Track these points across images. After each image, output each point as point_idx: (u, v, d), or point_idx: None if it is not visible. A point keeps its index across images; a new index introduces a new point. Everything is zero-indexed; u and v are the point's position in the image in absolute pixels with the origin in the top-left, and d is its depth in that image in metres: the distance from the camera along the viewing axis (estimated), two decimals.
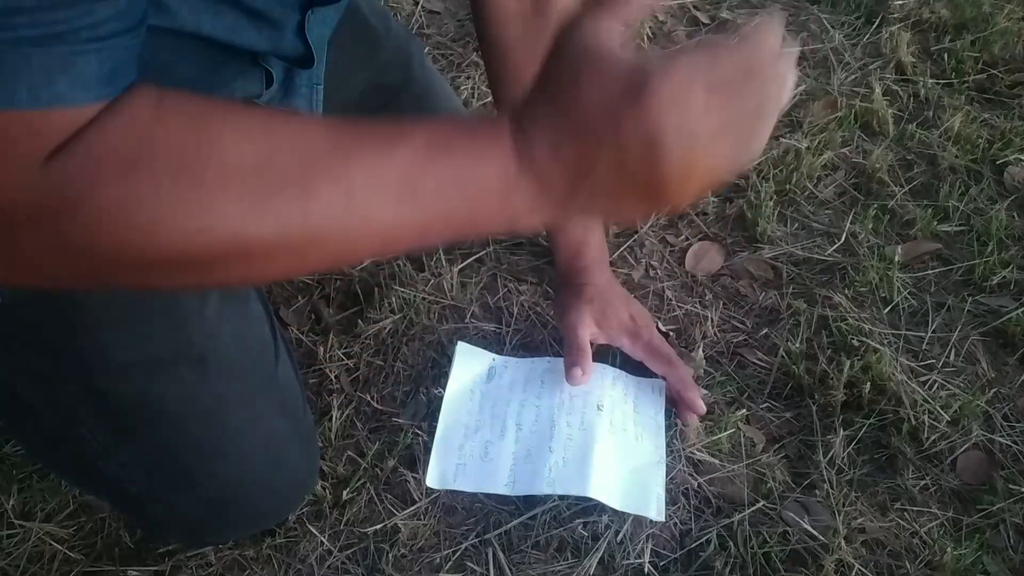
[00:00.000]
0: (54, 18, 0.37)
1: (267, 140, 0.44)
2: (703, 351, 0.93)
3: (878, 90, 1.21)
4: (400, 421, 0.88)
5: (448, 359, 0.92)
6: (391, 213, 0.45)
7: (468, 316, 0.98)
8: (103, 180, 0.41)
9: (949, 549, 0.78)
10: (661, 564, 0.78)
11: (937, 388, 0.90)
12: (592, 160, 0.43)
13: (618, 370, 0.89)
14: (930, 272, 1.02)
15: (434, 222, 0.46)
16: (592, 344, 0.88)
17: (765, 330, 0.96)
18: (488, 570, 0.78)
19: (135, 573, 0.79)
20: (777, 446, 0.87)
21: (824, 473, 0.84)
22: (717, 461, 0.85)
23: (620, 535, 0.79)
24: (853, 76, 1.27)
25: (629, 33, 0.43)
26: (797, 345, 0.93)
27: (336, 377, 0.92)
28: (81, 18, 0.38)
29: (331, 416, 0.88)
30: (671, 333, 0.96)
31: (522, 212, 0.46)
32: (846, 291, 0.99)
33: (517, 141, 0.44)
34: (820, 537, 0.79)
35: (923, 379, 0.90)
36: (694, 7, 1.40)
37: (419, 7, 1.42)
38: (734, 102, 0.42)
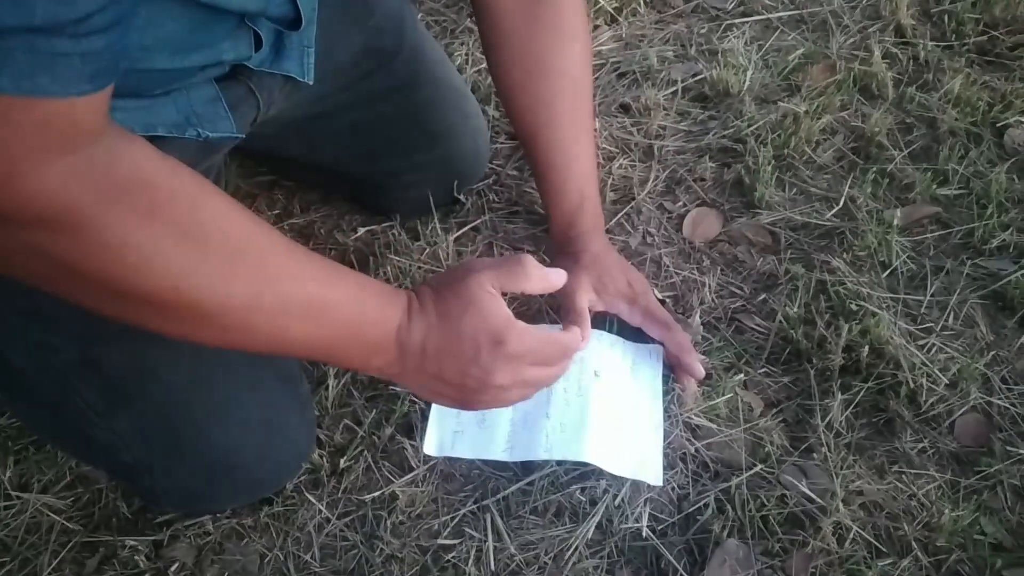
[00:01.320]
0: (35, 6, 0.38)
1: (247, 234, 0.53)
2: (700, 317, 0.93)
3: (877, 53, 1.20)
4: (397, 389, 0.88)
5: None
6: (300, 333, 0.57)
7: None
8: (113, 212, 0.46)
9: (947, 511, 0.78)
10: (659, 528, 0.79)
11: (935, 351, 0.89)
12: (444, 363, 0.62)
13: (615, 336, 0.89)
14: (929, 236, 1.01)
15: (321, 348, 0.60)
16: (590, 311, 0.87)
17: (763, 295, 0.96)
18: (486, 536, 0.78)
19: (133, 543, 0.79)
20: (775, 410, 0.87)
21: (822, 437, 0.83)
22: (715, 426, 0.85)
23: (618, 499, 0.79)
24: (852, 39, 1.25)
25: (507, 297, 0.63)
26: (795, 310, 0.92)
27: None
28: (63, 11, 0.39)
29: (328, 385, 0.88)
30: (667, 300, 0.95)
31: (376, 365, 0.62)
32: (844, 255, 0.98)
33: (403, 321, 0.61)
34: (818, 500, 0.79)
35: (921, 343, 0.90)
36: None
37: None
38: (540, 372, 0.65)
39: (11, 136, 0.41)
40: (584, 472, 0.80)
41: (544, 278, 0.65)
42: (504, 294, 0.64)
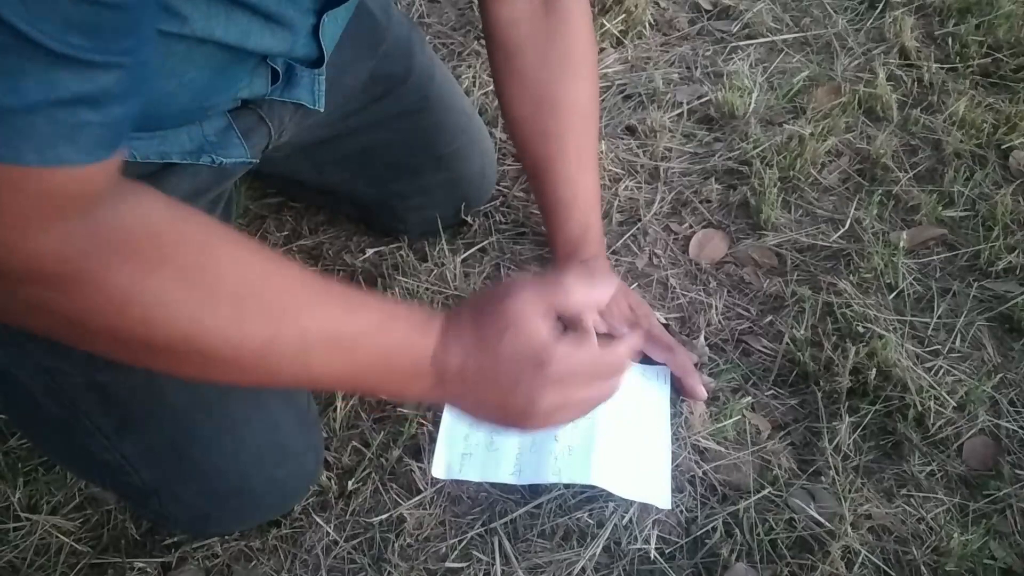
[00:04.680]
0: (59, 83, 0.38)
1: (259, 273, 0.51)
2: (706, 338, 0.93)
3: (882, 75, 1.20)
4: (405, 411, 0.88)
5: None
6: (327, 367, 0.54)
7: None
8: (118, 267, 0.45)
9: (956, 535, 0.78)
10: (667, 551, 0.78)
11: (943, 374, 0.89)
12: (485, 388, 0.58)
13: None
14: (935, 258, 1.01)
15: (352, 381, 0.59)
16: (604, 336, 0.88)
17: (769, 317, 0.96)
18: (494, 559, 0.78)
19: (141, 564, 0.79)
20: (783, 433, 0.87)
21: (830, 460, 0.83)
22: (722, 448, 0.85)
23: (625, 520, 0.79)
24: (857, 61, 1.26)
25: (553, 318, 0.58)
26: (802, 332, 0.93)
27: None
28: (85, 86, 0.39)
29: (335, 407, 0.88)
30: (671, 323, 0.96)
31: (414, 393, 0.60)
32: (851, 277, 0.98)
33: (439, 346, 0.57)
34: (826, 524, 0.79)
35: (929, 365, 0.90)
36: None
37: None
38: (591, 391, 0.60)
39: (21, 203, 0.40)
40: (592, 495, 0.80)
41: (588, 293, 0.59)
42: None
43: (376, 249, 1.05)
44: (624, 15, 1.33)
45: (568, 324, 0.73)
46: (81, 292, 0.45)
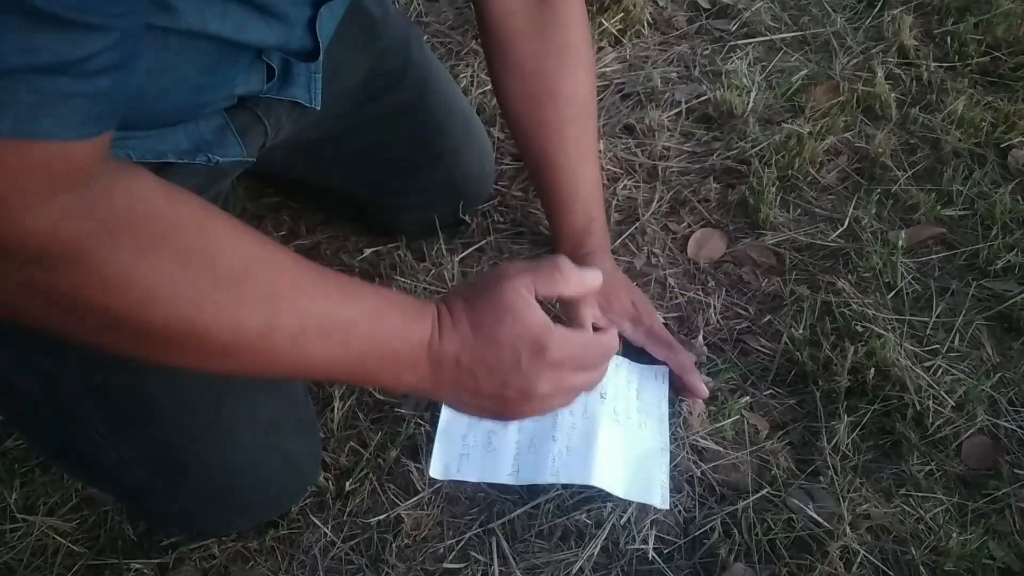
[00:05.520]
0: (40, 46, 0.37)
1: (256, 256, 0.51)
2: (705, 338, 0.93)
3: (880, 74, 1.20)
4: (402, 411, 0.88)
5: None
6: (324, 354, 0.53)
7: None
8: (116, 246, 0.44)
9: (954, 535, 0.77)
10: (665, 552, 0.78)
11: (942, 373, 0.89)
12: (481, 376, 0.57)
13: (621, 357, 0.89)
14: (934, 257, 1.01)
15: (348, 369, 0.56)
16: (593, 327, 0.87)
17: (768, 316, 0.96)
18: (492, 559, 0.78)
19: (138, 566, 0.79)
20: (781, 433, 0.86)
21: (828, 459, 0.83)
22: (721, 448, 0.85)
23: (624, 519, 0.79)
24: (855, 60, 1.26)
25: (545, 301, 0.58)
26: (800, 331, 0.92)
27: None
28: (69, 50, 0.38)
29: (333, 407, 0.88)
30: (670, 323, 0.95)
31: (409, 383, 0.58)
32: (849, 277, 0.98)
33: (434, 334, 0.56)
34: (825, 524, 0.78)
35: (927, 364, 0.90)
36: None
37: None
38: (581, 378, 0.61)
39: (5, 179, 0.39)
40: (590, 495, 0.80)
41: (580, 281, 0.60)
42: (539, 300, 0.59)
43: (374, 249, 1.04)
44: (622, 14, 1.32)
45: (563, 312, 0.73)
46: (78, 272, 0.43)
